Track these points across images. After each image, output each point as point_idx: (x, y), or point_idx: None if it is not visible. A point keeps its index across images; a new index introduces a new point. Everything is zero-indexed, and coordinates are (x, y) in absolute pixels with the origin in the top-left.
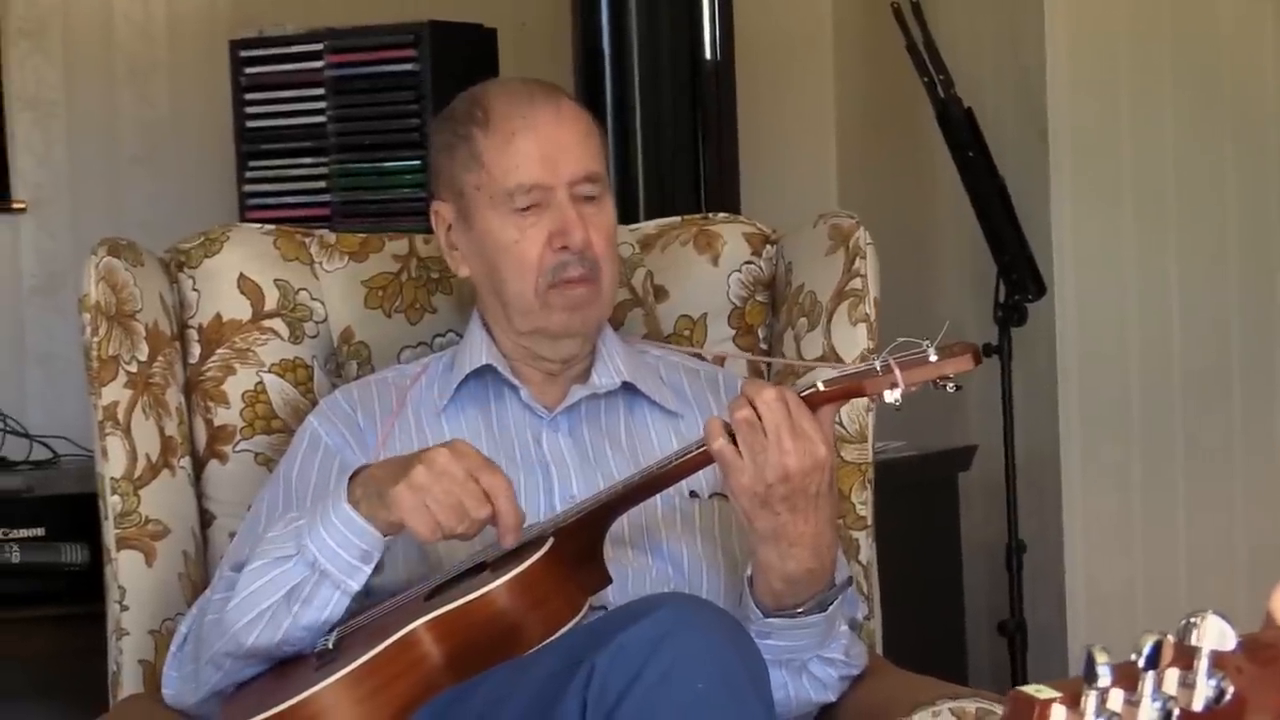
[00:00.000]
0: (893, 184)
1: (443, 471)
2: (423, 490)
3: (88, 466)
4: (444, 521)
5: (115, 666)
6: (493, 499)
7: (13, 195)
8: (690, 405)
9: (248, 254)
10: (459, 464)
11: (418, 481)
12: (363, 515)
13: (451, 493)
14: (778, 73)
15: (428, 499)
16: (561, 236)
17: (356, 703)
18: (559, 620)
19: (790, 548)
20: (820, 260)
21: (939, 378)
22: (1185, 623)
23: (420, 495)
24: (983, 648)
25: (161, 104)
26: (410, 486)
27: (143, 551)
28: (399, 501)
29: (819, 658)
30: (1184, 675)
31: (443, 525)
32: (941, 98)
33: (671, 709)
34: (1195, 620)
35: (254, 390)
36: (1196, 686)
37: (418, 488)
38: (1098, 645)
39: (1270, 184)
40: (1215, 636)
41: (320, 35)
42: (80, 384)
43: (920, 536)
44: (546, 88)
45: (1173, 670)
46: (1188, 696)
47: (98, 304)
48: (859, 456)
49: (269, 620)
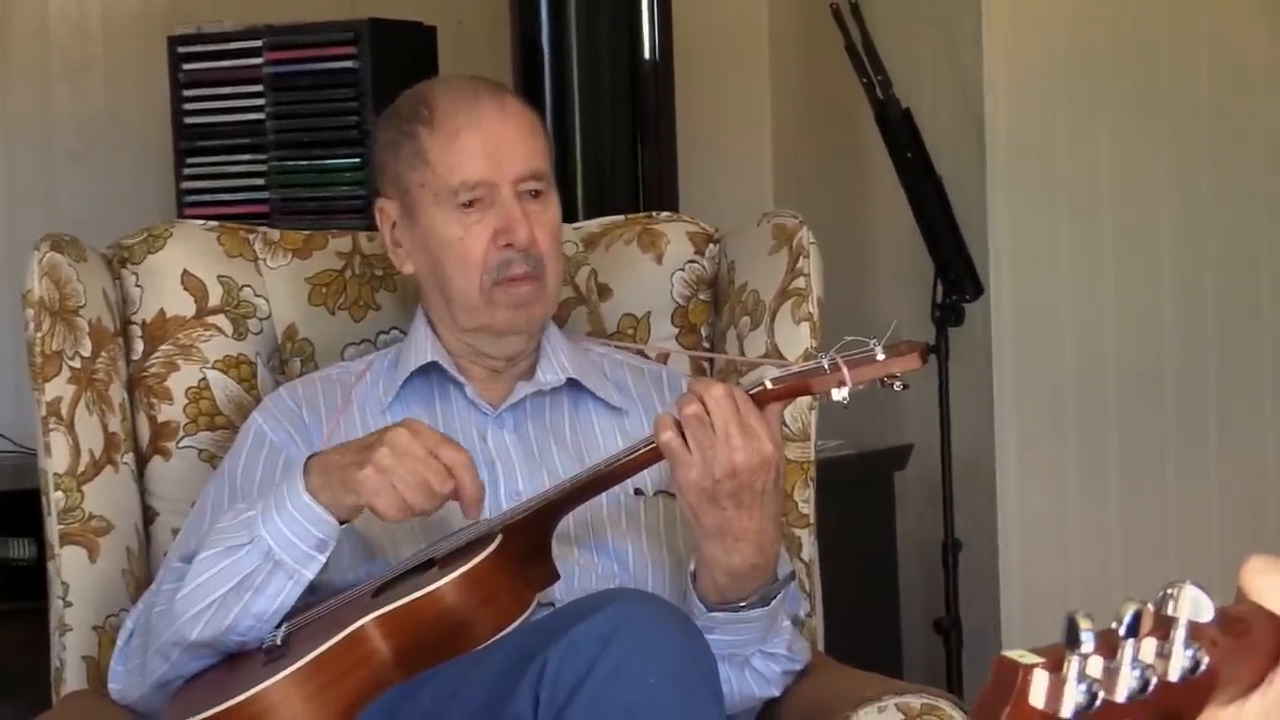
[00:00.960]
0: (829, 183)
1: (405, 451)
2: (388, 471)
3: (25, 463)
4: (411, 500)
5: (58, 663)
6: (455, 474)
7: None
8: (635, 402)
9: (191, 250)
10: (419, 442)
11: (383, 463)
12: (322, 503)
13: (416, 471)
14: (715, 72)
15: (394, 479)
16: (506, 234)
17: (305, 699)
18: (508, 616)
19: (735, 543)
20: (763, 259)
21: (886, 376)
22: (1163, 593)
23: (386, 476)
24: (918, 645)
25: (97, 100)
26: (376, 468)
27: (86, 547)
28: (365, 485)
29: (761, 652)
30: (1161, 645)
31: (410, 504)
32: (880, 98)
33: (623, 704)
34: (1173, 591)
35: (197, 387)
36: (1173, 657)
37: (383, 469)
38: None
39: (1203, 186)
40: (1192, 608)
41: (259, 32)
42: (16, 380)
43: (856, 535)
44: (492, 85)
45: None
46: (1164, 666)
47: (41, 300)
48: (802, 455)
49: (218, 608)
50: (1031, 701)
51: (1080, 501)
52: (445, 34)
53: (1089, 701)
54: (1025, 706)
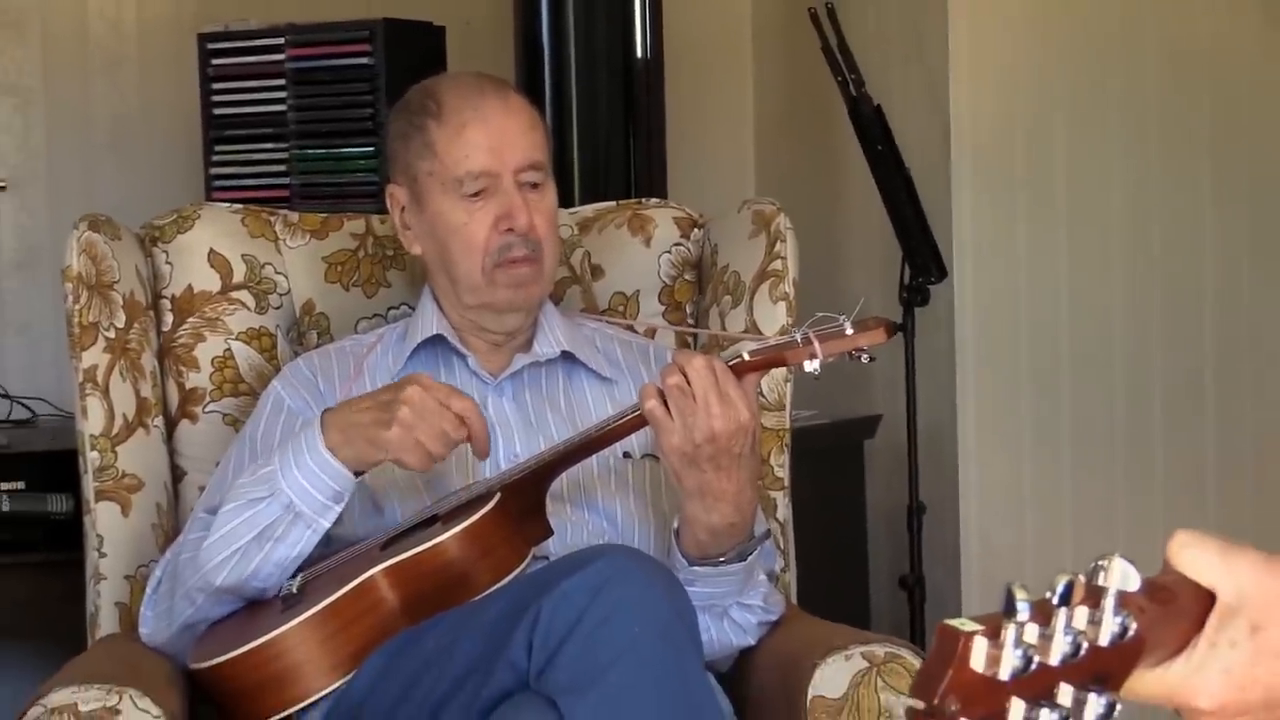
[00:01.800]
0: (806, 174)
1: (423, 407)
2: (411, 427)
3: (64, 426)
4: (433, 450)
5: (93, 609)
6: (466, 420)
7: None
8: (624, 373)
9: (217, 231)
10: (432, 396)
11: (406, 420)
12: (341, 459)
13: (434, 424)
14: (702, 70)
15: (418, 434)
16: (507, 220)
17: (319, 643)
18: (505, 568)
19: (715, 502)
20: (744, 243)
21: (854, 349)
22: (1094, 565)
23: (411, 432)
24: (884, 600)
25: (133, 94)
26: (401, 426)
27: (119, 503)
28: (392, 442)
29: (739, 604)
30: (1092, 613)
31: (434, 455)
32: (853, 96)
33: (610, 650)
34: (1104, 563)
35: (222, 356)
36: (1103, 623)
37: (407, 425)
38: (1017, 583)
39: (1150, 180)
40: (1121, 578)
41: (282, 30)
42: (56, 350)
43: (828, 498)
44: (496, 82)
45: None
46: (1095, 632)
47: (79, 275)
48: (778, 423)
49: (241, 556)
50: (972, 666)
51: (1034, 469)
52: (454, 33)
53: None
54: (966, 671)
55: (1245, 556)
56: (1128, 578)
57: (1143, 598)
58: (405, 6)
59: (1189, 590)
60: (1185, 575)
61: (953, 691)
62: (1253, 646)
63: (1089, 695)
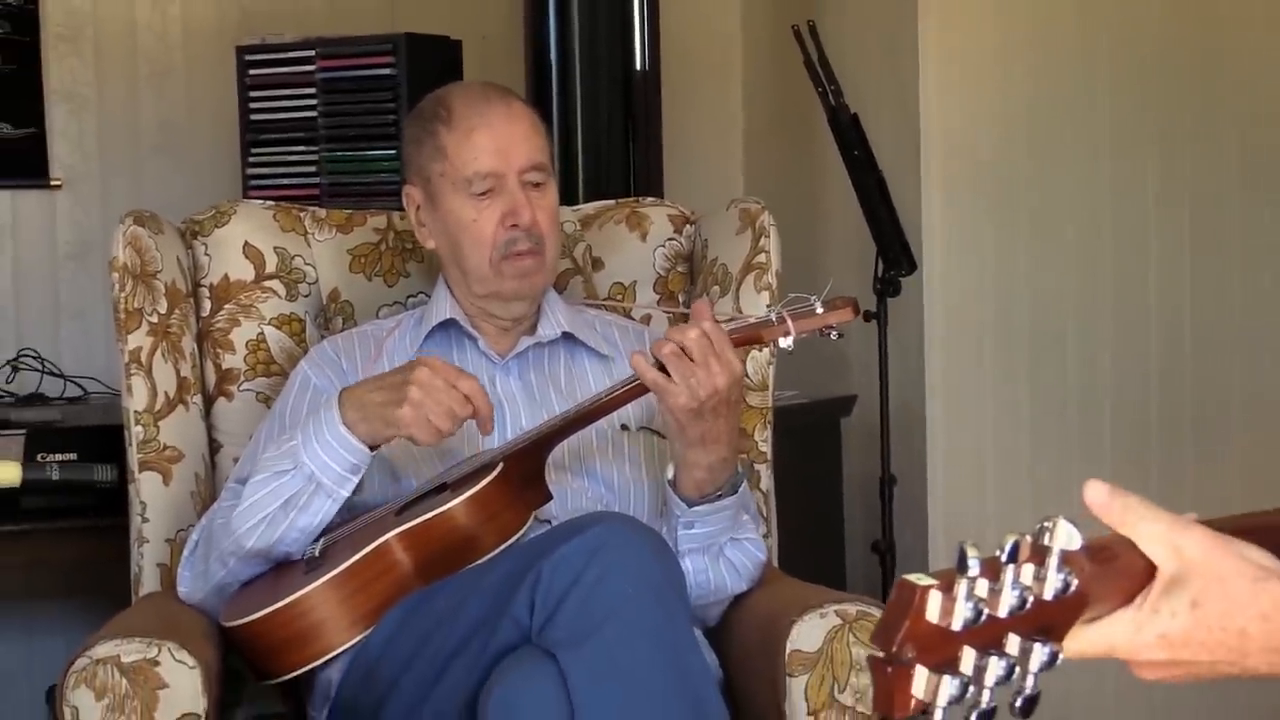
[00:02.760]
0: (789, 176)
1: (431, 386)
2: (421, 406)
3: (113, 403)
4: (441, 427)
5: (137, 569)
6: (472, 400)
7: (50, 174)
8: (620, 352)
9: (252, 226)
10: (440, 377)
11: (416, 399)
12: (358, 435)
13: (442, 402)
14: (695, 81)
15: (427, 413)
16: (512, 216)
17: (339, 602)
18: (509, 532)
19: (714, 444)
20: (731, 238)
21: (824, 327)
22: (1040, 526)
23: (421, 410)
24: (859, 564)
25: (178, 101)
26: (412, 405)
27: (161, 473)
28: (404, 419)
29: (733, 540)
30: (1038, 570)
31: (441, 431)
32: (832, 105)
33: (604, 608)
34: (1049, 524)
35: (255, 339)
36: (1047, 579)
37: (418, 404)
38: (969, 541)
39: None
40: (1064, 538)
41: (313, 43)
42: (106, 334)
43: (808, 470)
44: (500, 90)
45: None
46: (1040, 587)
47: (125, 265)
48: (761, 402)
49: (269, 524)
50: (927, 617)
51: (995, 444)
52: (470, 46)
53: (975, 617)
54: (922, 621)
55: (1192, 534)
56: (1071, 538)
57: (1084, 557)
58: (425, 22)
59: (1130, 553)
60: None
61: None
62: (1191, 619)
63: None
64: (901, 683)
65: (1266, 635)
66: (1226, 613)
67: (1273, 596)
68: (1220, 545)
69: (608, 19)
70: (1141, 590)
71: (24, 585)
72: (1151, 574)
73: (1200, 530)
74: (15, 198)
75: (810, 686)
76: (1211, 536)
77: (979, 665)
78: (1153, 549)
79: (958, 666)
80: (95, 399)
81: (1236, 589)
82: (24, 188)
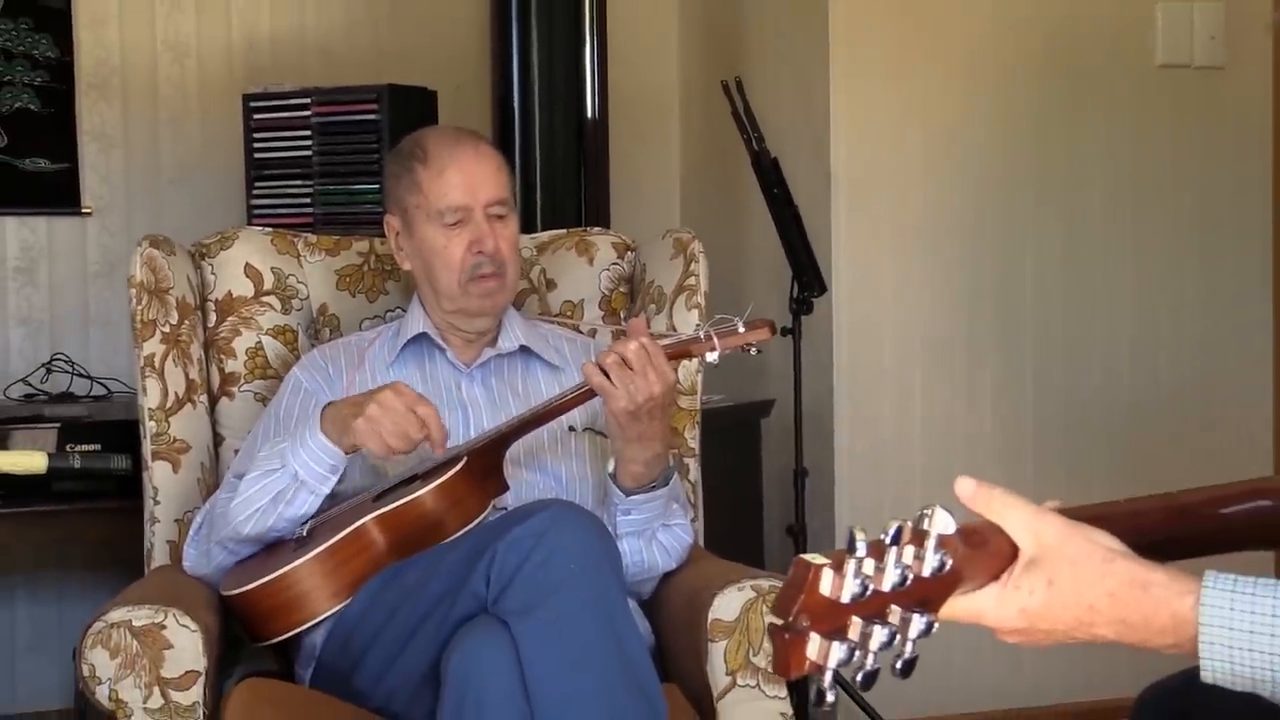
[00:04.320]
0: (719, 210)
1: (390, 407)
2: (376, 421)
3: (133, 400)
4: (392, 444)
5: (149, 545)
6: (427, 424)
7: (82, 203)
8: (569, 363)
9: (252, 249)
10: (401, 400)
11: (373, 415)
12: (334, 442)
13: (397, 423)
14: (639, 127)
15: (380, 429)
16: (478, 244)
17: (323, 575)
18: (470, 517)
19: (649, 442)
20: (666, 263)
21: (745, 344)
22: (920, 513)
23: (374, 425)
24: (775, 545)
25: (193, 140)
26: (367, 420)
27: (171, 462)
28: (358, 430)
29: (664, 525)
30: (917, 551)
31: (391, 446)
32: (756, 150)
33: (551, 582)
34: (928, 512)
35: (254, 347)
36: (926, 559)
37: (373, 419)
38: (858, 526)
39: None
40: (941, 524)
41: (309, 93)
42: (128, 341)
43: (731, 464)
44: (469, 134)
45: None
46: (919, 566)
47: (142, 282)
48: (691, 405)
49: (261, 515)
50: (820, 591)
51: (892, 441)
52: (444, 96)
53: (862, 591)
54: (815, 595)
55: (1049, 520)
56: (947, 524)
57: (958, 540)
58: (405, 74)
59: (998, 537)
60: (996, 525)
61: (804, 611)
62: (1047, 595)
63: (913, 615)
64: (797, 647)
65: (1112, 609)
66: (1078, 590)
67: (1118, 576)
68: (1073, 531)
69: (563, 73)
70: (1006, 569)
71: (55, 558)
72: (1014, 555)
73: (1056, 517)
74: (51, 223)
75: (729, 651)
76: (1066, 523)
77: (865, 633)
78: (1016, 533)
79: (846, 634)
80: (118, 397)
81: (1086, 569)
82: (59, 215)
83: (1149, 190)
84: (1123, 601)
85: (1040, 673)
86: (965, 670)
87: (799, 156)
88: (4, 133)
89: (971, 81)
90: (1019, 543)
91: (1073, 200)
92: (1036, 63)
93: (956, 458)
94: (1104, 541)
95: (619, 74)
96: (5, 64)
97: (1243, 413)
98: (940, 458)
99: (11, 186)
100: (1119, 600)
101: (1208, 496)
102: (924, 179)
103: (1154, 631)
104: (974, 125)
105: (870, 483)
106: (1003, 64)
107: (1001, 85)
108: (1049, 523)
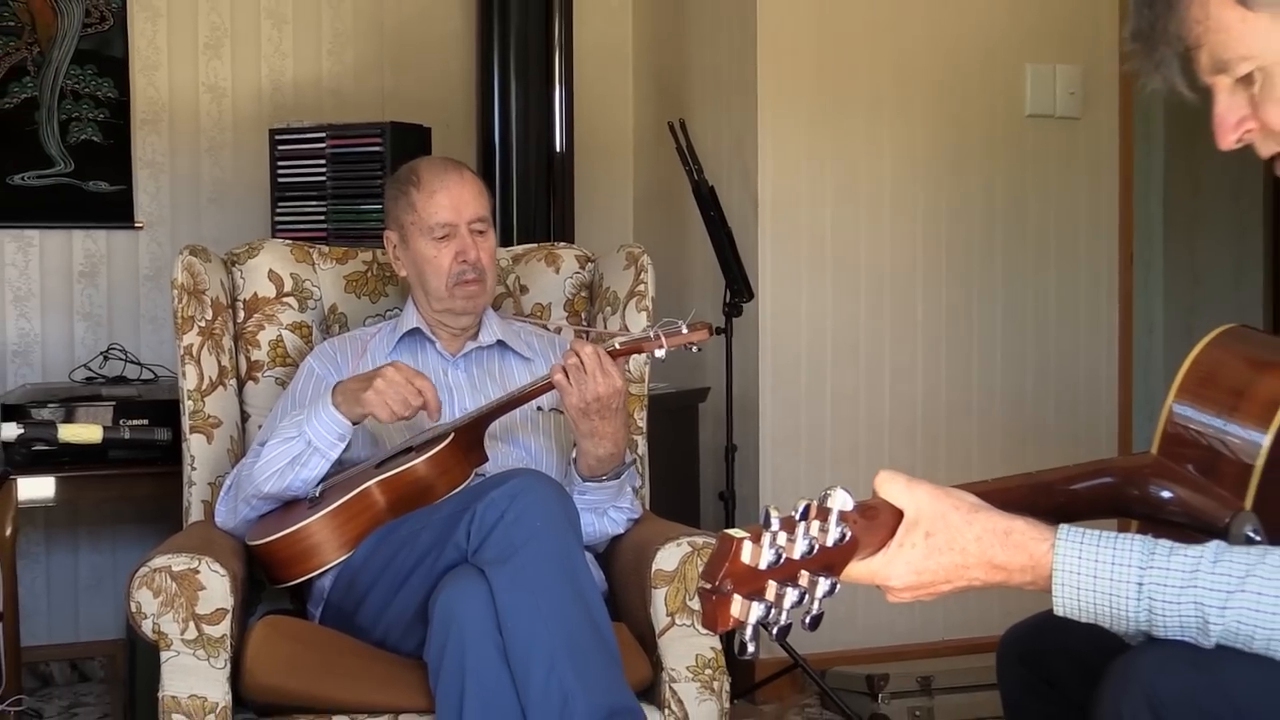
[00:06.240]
0: (665, 229)
1: (393, 380)
2: (382, 393)
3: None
4: (396, 409)
5: (187, 503)
6: (424, 394)
7: (135, 219)
8: (539, 355)
9: (275, 257)
10: (401, 374)
11: (379, 388)
12: (341, 412)
13: (400, 393)
14: (599, 159)
15: (386, 398)
16: (462, 255)
17: (332, 530)
18: (456, 483)
19: (600, 440)
20: (620, 272)
21: (688, 343)
22: (824, 493)
23: (381, 396)
24: (709, 508)
25: (228, 167)
26: (375, 391)
27: (205, 435)
28: (368, 401)
29: (614, 506)
30: (822, 524)
31: (395, 412)
32: (696, 180)
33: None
34: (830, 491)
35: (275, 340)
36: (829, 531)
37: (380, 390)
38: (772, 505)
39: (884, 232)
40: (841, 501)
41: (324, 128)
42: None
43: (673, 441)
44: (456, 163)
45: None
46: (824, 537)
47: (182, 284)
48: (639, 391)
49: (279, 475)
50: (741, 560)
51: (808, 424)
52: (437, 132)
53: (776, 559)
54: (737, 563)
55: (923, 487)
56: (845, 501)
57: (856, 514)
58: (405, 113)
59: (887, 509)
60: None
61: (728, 576)
62: (926, 546)
63: (819, 578)
64: (723, 607)
65: (980, 551)
66: (950, 537)
67: (982, 523)
68: (942, 492)
69: (536, 114)
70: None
71: (111, 514)
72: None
73: (927, 484)
74: (110, 236)
75: (669, 596)
76: (935, 487)
77: (779, 594)
78: (899, 500)
79: (764, 595)
80: (163, 380)
81: (955, 519)
82: (116, 229)
83: (1017, 218)
84: (989, 544)
85: (926, 615)
86: (866, 613)
87: (732, 186)
88: (72, 160)
89: (875, 126)
90: (901, 507)
91: (956, 225)
92: (928, 111)
93: (860, 436)
94: (969, 499)
95: (582, 115)
96: (74, 103)
97: (1092, 404)
98: (847, 436)
99: (77, 205)
100: (985, 543)
101: (1063, 475)
102: (835, 205)
103: (1016, 569)
104: (876, 162)
105: (789, 457)
106: (900, 112)
107: (899, 129)
108: (922, 488)
